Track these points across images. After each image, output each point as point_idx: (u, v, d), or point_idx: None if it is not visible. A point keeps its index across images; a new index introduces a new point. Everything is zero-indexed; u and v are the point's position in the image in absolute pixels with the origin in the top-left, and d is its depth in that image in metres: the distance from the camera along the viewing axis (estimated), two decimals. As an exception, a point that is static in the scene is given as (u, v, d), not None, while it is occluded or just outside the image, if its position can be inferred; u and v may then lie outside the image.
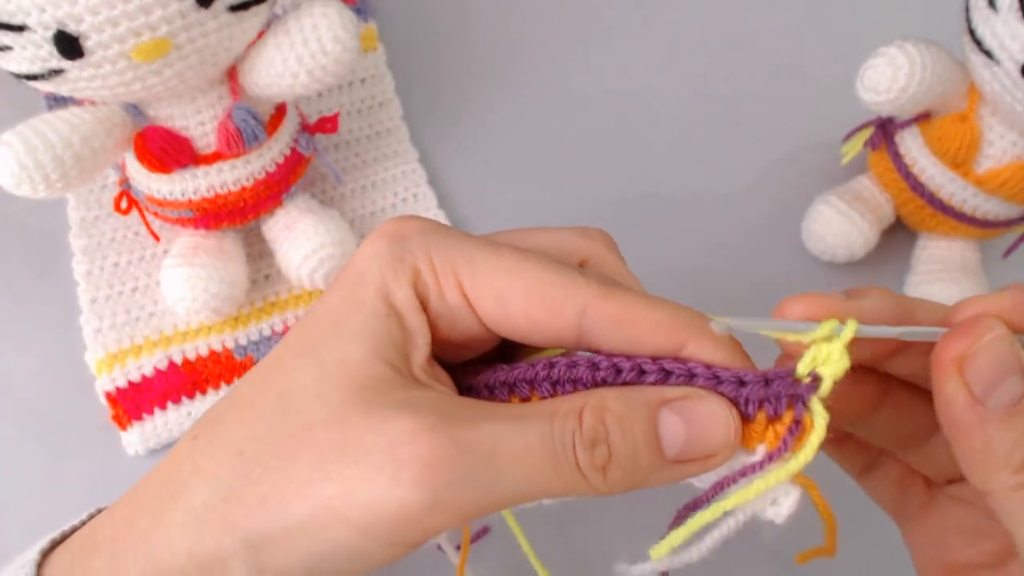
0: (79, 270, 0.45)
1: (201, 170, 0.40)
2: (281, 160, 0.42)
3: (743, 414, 0.23)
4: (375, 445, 0.21)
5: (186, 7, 0.33)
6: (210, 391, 0.43)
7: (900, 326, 0.23)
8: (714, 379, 0.23)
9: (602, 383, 0.24)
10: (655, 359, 0.23)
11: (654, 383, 0.23)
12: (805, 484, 0.23)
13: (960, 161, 0.42)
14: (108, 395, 0.42)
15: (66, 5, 0.31)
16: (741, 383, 0.23)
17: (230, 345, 0.44)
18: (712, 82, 0.54)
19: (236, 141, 0.40)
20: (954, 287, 0.44)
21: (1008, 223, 0.44)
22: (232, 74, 0.40)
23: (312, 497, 0.22)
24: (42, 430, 0.42)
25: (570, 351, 0.27)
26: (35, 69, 0.34)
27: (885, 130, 0.45)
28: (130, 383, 0.42)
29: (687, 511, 0.24)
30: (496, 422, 0.22)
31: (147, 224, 0.44)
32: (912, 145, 0.44)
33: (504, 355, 0.28)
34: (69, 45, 0.32)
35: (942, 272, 0.45)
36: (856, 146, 0.46)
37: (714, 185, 0.50)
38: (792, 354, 0.24)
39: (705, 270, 0.47)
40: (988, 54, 0.37)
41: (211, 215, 0.42)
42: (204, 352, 0.44)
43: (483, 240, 0.25)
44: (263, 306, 0.45)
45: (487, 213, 0.49)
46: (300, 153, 0.44)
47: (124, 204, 0.43)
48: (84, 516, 0.27)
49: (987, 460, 0.22)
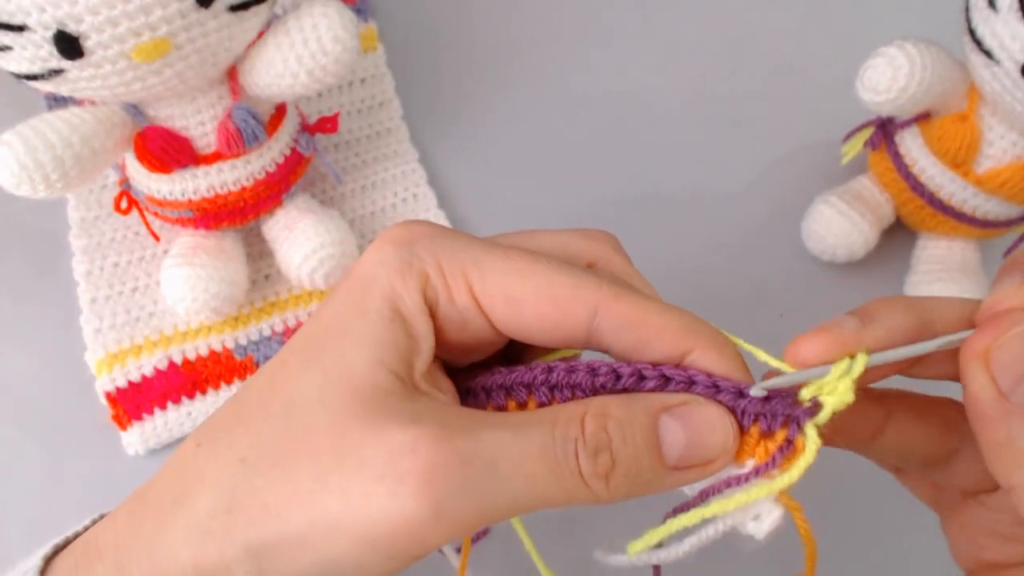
0: (79, 270, 0.45)
1: (201, 170, 0.40)
2: (281, 160, 0.42)
3: (738, 426, 0.23)
4: (375, 456, 0.21)
5: (186, 7, 0.33)
6: (210, 391, 0.43)
7: (911, 344, 0.23)
8: (714, 388, 0.23)
9: (601, 389, 0.24)
10: (655, 365, 0.23)
11: (653, 389, 0.23)
12: (789, 505, 0.23)
13: (960, 161, 0.42)
14: (108, 395, 0.42)
15: (66, 5, 0.31)
16: (740, 395, 0.23)
17: (230, 345, 0.44)
18: (712, 82, 0.54)
19: (236, 141, 0.40)
20: (954, 287, 0.44)
21: (1008, 223, 0.43)
22: (232, 74, 0.40)
23: (312, 508, 0.21)
24: (42, 430, 0.42)
25: (574, 355, 0.27)
26: (35, 69, 0.34)
27: (885, 130, 0.45)
28: (130, 383, 0.42)
29: (673, 515, 0.24)
30: (496, 431, 0.22)
31: (147, 224, 0.44)
32: (912, 145, 0.44)
33: (509, 359, 0.28)
34: (69, 45, 0.32)
35: (942, 272, 0.45)
36: (856, 146, 0.46)
37: (714, 185, 0.50)
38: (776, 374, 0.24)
39: (705, 270, 0.47)
40: (988, 54, 0.37)
41: (211, 215, 0.42)
42: (204, 352, 0.44)
43: (490, 243, 0.25)
44: (263, 306, 0.45)
45: (487, 213, 0.49)
46: (300, 153, 0.44)
47: (124, 204, 0.43)
48: (87, 522, 0.27)
49: (1011, 454, 0.22)
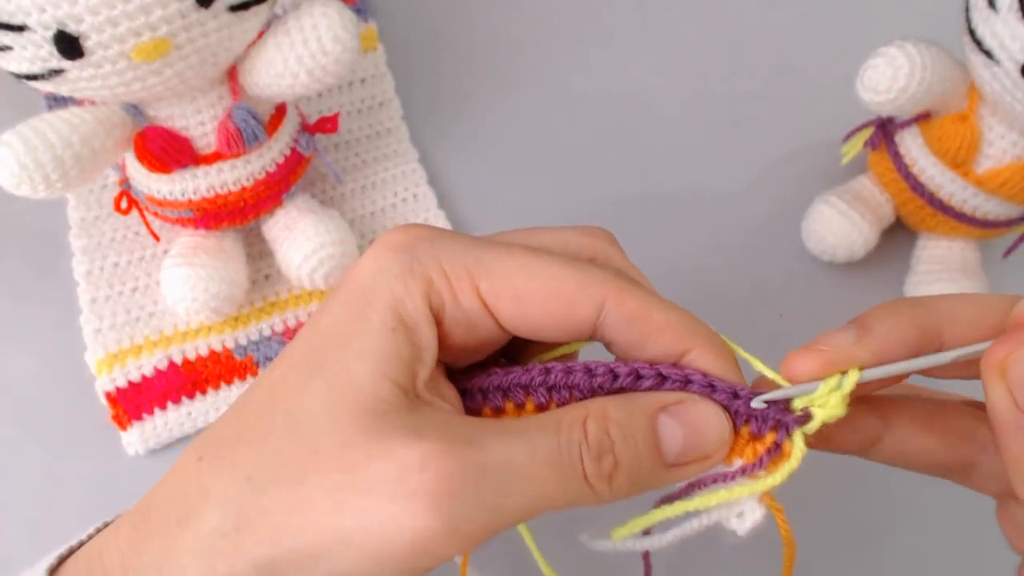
0: (79, 270, 0.45)
1: (201, 170, 0.40)
2: (281, 160, 0.42)
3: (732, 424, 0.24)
4: (385, 473, 0.21)
5: (186, 7, 0.33)
6: (210, 391, 0.43)
7: (906, 361, 0.23)
8: (709, 387, 0.23)
9: (599, 389, 0.24)
10: (651, 364, 0.24)
11: (650, 388, 0.24)
12: (772, 506, 0.23)
13: (960, 161, 0.42)
14: (108, 395, 0.42)
15: (66, 5, 0.31)
16: (735, 396, 0.24)
17: (230, 345, 0.44)
18: (712, 82, 0.54)
19: (236, 141, 0.40)
20: (954, 287, 0.44)
21: (1008, 223, 0.43)
22: (232, 74, 0.40)
23: (324, 526, 0.21)
24: (42, 430, 0.42)
25: (573, 353, 0.27)
26: (35, 69, 0.34)
27: (885, 130, 0.45)
28: (130, 383, 0.42)
29: (660, 505, 0.25)
30: (503, 440, 0.22)
31: (147, 224, 0.44)
32: (912, 145, 0.44)
33: (508, 356, 0.28)
34: (69, 45, 0.32)
35: (942, 272, 0.45)
36: (856, 146, 0.46)
37: (714, 185, 0.50)
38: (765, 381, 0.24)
39: (705, 270, 0.47)
40: (988, 54, 0.37)
41: (211, 215, 0.42)
42: (204, 352, 0.44)
43: (492, 241, 0.25)
44: (263, 306, 0.45)
45: (487, 213, 0.49)
46: (300, 153, 0.44)
47: (124, 204, 0.43)
48: (91, 530, 0.27)
49: None
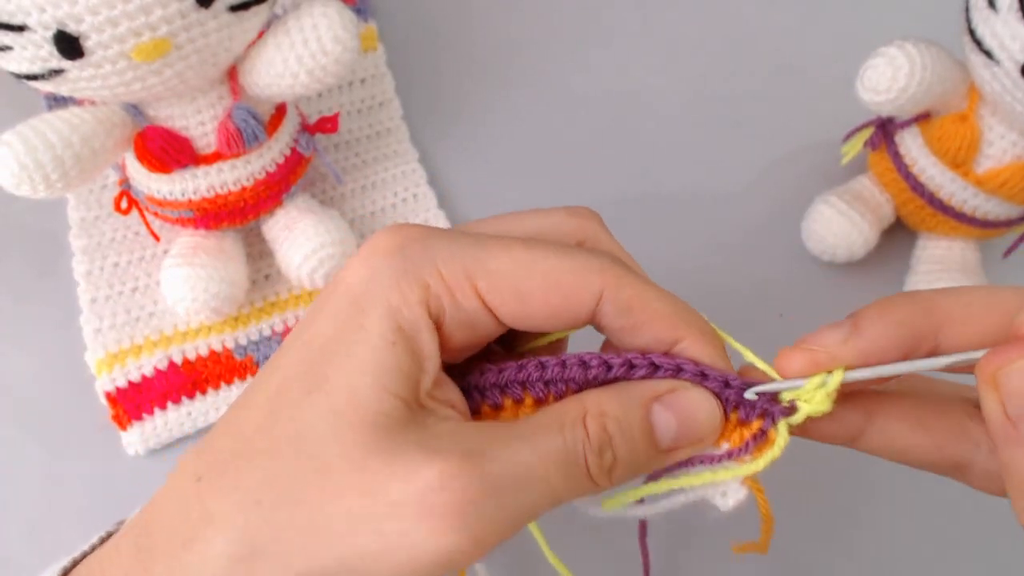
0: (79, 270, 0.45)
1: (201, 170, 0.40)
2: (281, 160, 0.42)
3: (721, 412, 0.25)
4: (406, 495, 0.21)
5: (186, 7, 0.33)
6: (210, 391, 0.43)
7: (890, 365, 0.23)
8: (700, 376, 0.24)
9: (594, 380, 0.25)
10: (644, 354, 0.25)
11: (643, 377, 0.24)
12: (753, 487, 0.25)
13: (960, 161, 0.42)
14: (108, 395, 0.42)
15: (66, 5, 0.31)
16: (726, 384, 0.24)
17: (230, 345, 0.44)
18: (712, 82, 0.54)
19: (236, 141, 0.40)
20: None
21: (1008, 223, 0.43)
22: (232, 74, 0.40)
23: (345, 548, 0.21)
24: (42, 430, 0.42)
25: (563, 337, 0.28)
26: (35, 69, 0.34)
27: (885, 130, 0.45)
28: (130, 383, 0.42)
29: (648, 479, 0.26)
30: (512, 448, 0.22)
31: (147, 224, 0.44)
32: (912, 145, 0.44)
33: (501, 343, 0.28)
34: (69, 45, 0.32)
35: (942, 272, 0.45)
36: (856, 146, 0.46)
37: (714, 185, 0.50)
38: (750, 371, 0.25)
39: (705, 270, 0.47)
40: (988, 54, 0.37)
41: (211, 215, 0.42)
42: (204, 352, 0.44)
43: (485, 238, 0.25)
44: (263, 306, 0.45)
45: (487, 213, 0.48)
46: (300, 153, 0.44)
47: (124, 204, 0.43)
48: (95, 540, 0.27)
49: (1016, 482, 0.22)
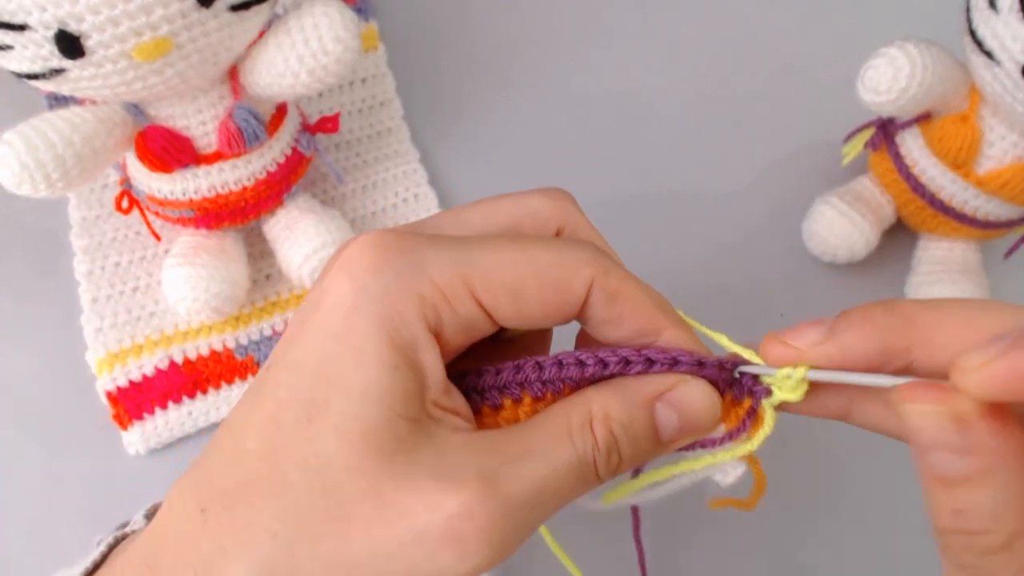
0: (80, 269, 0.45)
1: (202, 170, 0.40)
2: (282, 160, 0.42)
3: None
4: (433, 524, 0.21)
5: (187, 6, 0.33)
6: (211, 391, 0.43)
7: (858, 373, 0.23)
8: (698, 364, 0.25)
9: (590, 377, 0.25)
10: (638, 350, 0.25)
11: (640, 373, 0.25)
12: (749, 460, 0.27)
13: (961, 162, 0.42)
14: (109, 394, 0.42)
15: (67, 4, 0.31)
16: (721, 367, 0.25)
17: (231, 345, 0.44)
18: (713, 82, 0.54)
19: (237, 141, 0.40)
20: (954, 288, 0.44)
21: (1009, 224, 0.43)
22: (233, 74, 0.40)
23: None
24: (42, 430, 0.42)
25: (548, 332, 0.29)
26: (36, 68, 0.34)
27: (886, 131, 0.45)
28: (131, 382, 0.42)
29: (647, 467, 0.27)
30: (528, 464, 0.23)
31: (148, 224, 0.44)
32: (913, 146, 0.44)
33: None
34: (70, 44, 0.32)
35: (943, 273, 0.45)
36: (857, 147, 0.46)
37: (714, 185, 0.50)
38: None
39: (706, 270, 0.47)
40: (989, 55, 0.37)
41: (212, 215, 0.42)
42: (205, 352, 0.44)
43: (472, 239, 0.25)
44: (264, 306, 0.45)
45: (488, 213, 0.49)
46: (301, 153, 0.44)
47: (125, 204, 0.43)
48: (103, 547, 0.26)
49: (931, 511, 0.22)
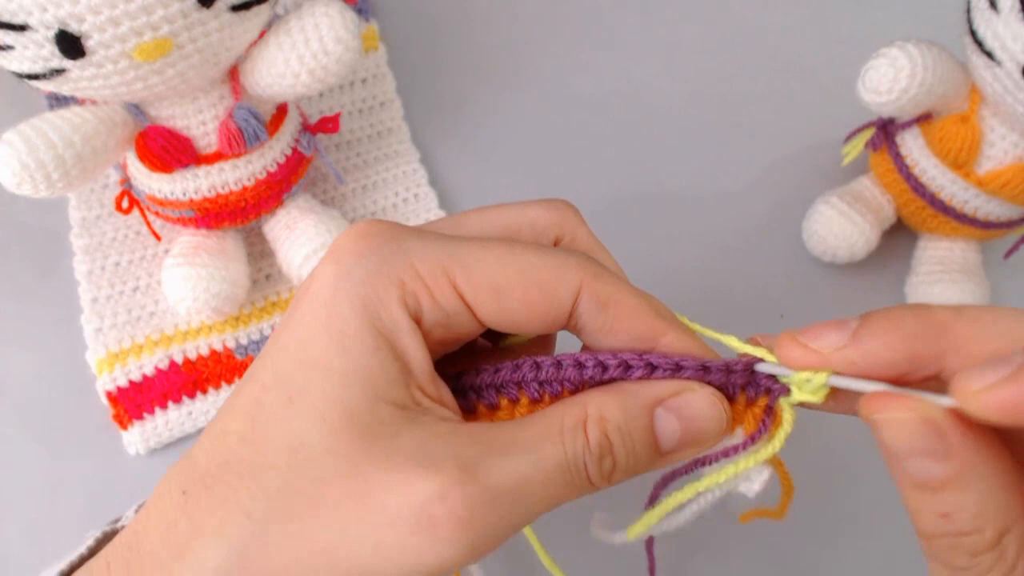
0: (80, 269, 0.45)
1: (202, 170, 0.40)
2: (282, 160, 0.42)
3: (727, 398, 0.24)
4: (406, 507, 0.21)
5: (188, 7, 0.33)
6: (211, 390, 0.43)
7: (879, 383, 0.22)
8: (703, 370, 0.24)
9: (590, 380, 0.24)
10: (640, 354, 0.24)
11: (641, 378, 0.24)
12: (773, 461, 0.25)
13: (961, 162, 0.42)
14: (109, 394, 0.42)
15: (68, 4, 0.31)
16: (729, 371, 0.24)
17: (231, 345, 0.44)
18: (713, 82, 0.54)
19: (237, 141, 0.40)
20: (955, 288, 0.44)
21: (1009, 224, 0.43)
22: (234, 74, 0.40)
23: (339, 560, 0.21)
24: (42, 430, 0.42)
25: (550, 338, 0.28)
26: (37, 68, 0.34)
27: (886, 131, 0.45)
28: (131, 382, 0.42)
29: (664, 484, 0.25)
30: (512, 457, 0.22)
31: (148, 223, 0.44)
32: (913, 146, 0.44)
33: (483, 337, 0.28)
34: (71, 44, 0.32)
35: (943, 273, 0.45)
36: (857, 147, 0.46)
37: (714, 185, 0.50)
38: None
39: (706, 270, 0.47)
40: (989, 55, 0.37)
41: (212, 215, 0.42)
42: (205, 352, 0.44)
43: (461, 235, 0.25)
44: (264, 306, 0.45)
45: (488, 213, 0.49)
46: (301, 153, 0.44)
47: (125, 203, 0.43)
48: (91, 542, 0.26)
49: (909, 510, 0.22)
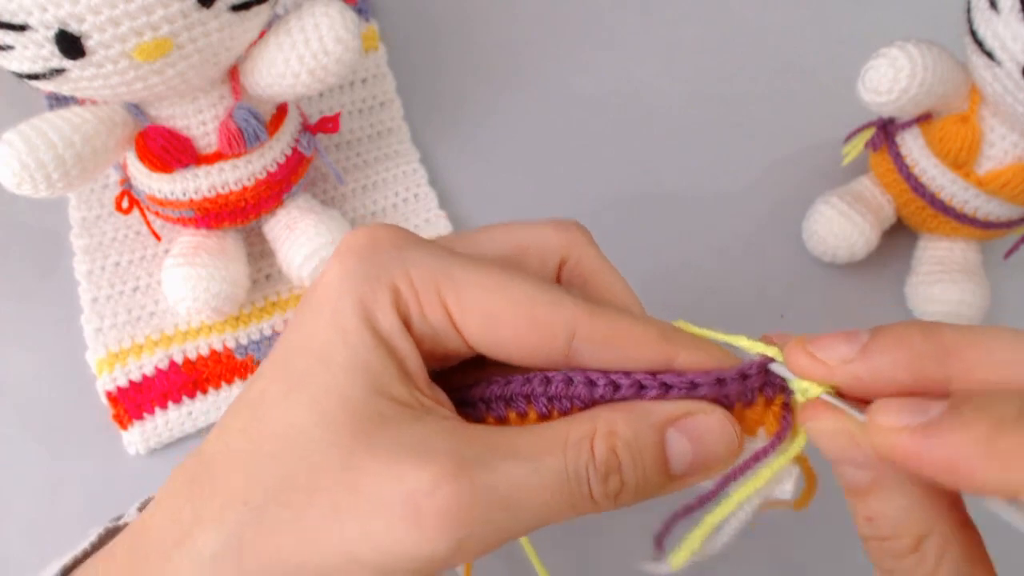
0: (80, 269, 0.45)
1: (202, 170, 0.40)
2: (282, 160, 0.42)
3: (746, 403, 0.24)
4: (396, 496, 0.21)
5: (188, 7, 0.33)
6: (211, 390, 0.43)
7: (862, 414, 0.22)
8: (718, 383, 0.23)
9: (600, 399, 0.24)
10: (654, 374, 0.23)
11: (655, 397, 0.23)
12: (800, 458, 0.24)
13: (961, 162, 0.42)
14: (109, 394, 0.42)
15: (68, 4, 0.31)
16: (744, 376, 0.23)
17: (231, 345, 0.44)
18: (713, 82, 0.54)
19: (237, 141, 0.40)
20: (955, 288, 0.44)
21: (1009, 224, 0.44)
22: (234, 74, 0.40)
23: (329, 548, 0.21)
24: (42, 430, 0.42)
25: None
26: (37, 68, 0.34)
27: (886, 131, 0.45)
28: (131, 382, 0.42)
29: (693, 507, 0.24)
30: (511, 464, 0.22)
31: (148, 223, 0.44)
32: (913, 146, 0.44)
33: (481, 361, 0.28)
34: (71, 44, 0.32)
35: (943, 273, 0.45)
36: (857, 147, 0.46)
37: (714, 185, 0.50)
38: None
39: (705, 270, 0.47)
40: (989, 55, 0.37)
41: (212, 215, 0.42)
42: (205, 352, 0.44)
43: (461, 254, 0.24)
44: (264, 305, 0.45)
45: (487, 213, 0.49)
46: (301, 153, 0.44)
47: (125, 203, 0.43)
48: (93, 538, 0.27)
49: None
